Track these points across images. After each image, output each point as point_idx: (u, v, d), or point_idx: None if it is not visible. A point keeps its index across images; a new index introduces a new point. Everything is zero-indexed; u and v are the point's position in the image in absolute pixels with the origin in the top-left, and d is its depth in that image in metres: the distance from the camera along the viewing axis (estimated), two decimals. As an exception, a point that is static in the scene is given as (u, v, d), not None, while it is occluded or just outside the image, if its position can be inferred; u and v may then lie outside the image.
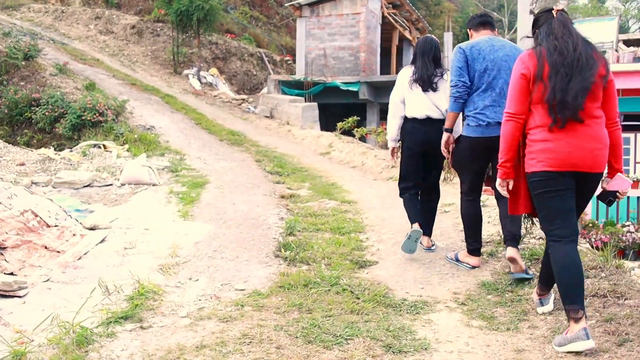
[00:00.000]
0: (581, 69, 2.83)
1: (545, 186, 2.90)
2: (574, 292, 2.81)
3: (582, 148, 2.83)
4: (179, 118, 11.29)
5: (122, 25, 18.00)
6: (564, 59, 2.86)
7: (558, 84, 2.84)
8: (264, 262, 4.23)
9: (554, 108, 2.85)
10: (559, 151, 2.85)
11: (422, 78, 4.33)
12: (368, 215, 5.71)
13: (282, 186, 7.14)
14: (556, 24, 2.96)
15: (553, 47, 2.90)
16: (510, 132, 2.98)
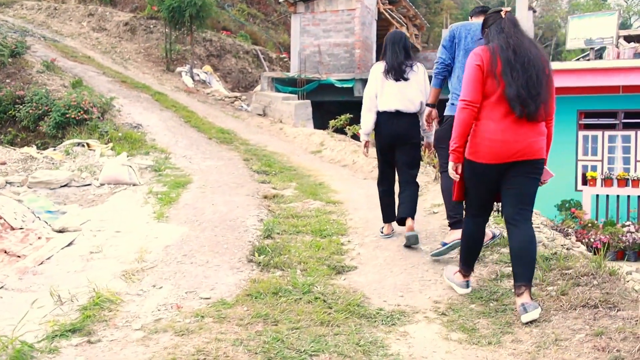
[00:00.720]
0: (535, 67, 3.03)
1: (479, 175, 3.18)
2: (470, 257, 3.42)
3: (520, 141, 3.06)
4: (168, 116, 11.03)
5: (115, 22, 17.74)
6: (519, 57, 3.03)
7: (516, 80, 3.01)
8: (236, 267, 3.98)
9: (515, 102, 3.01)
10: (498, 146, 3.06)
11: (393, 67, 4.39)
12: (353, 217, 5.45)
13: (267, 186, 6.88)
14: (507, 24, 3.16)
15: (506, 44, 3.08)
16: (466, 120, 3.15)
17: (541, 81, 3.04)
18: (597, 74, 12.22)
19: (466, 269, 3.46)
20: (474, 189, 3.28)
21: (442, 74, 4.13)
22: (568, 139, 13.26)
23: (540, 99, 3.03)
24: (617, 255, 10.97)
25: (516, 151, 3.07)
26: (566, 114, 13.33)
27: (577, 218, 11.92)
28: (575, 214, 11.96)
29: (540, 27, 33.25)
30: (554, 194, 13.11)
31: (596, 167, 13.17)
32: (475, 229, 3.36)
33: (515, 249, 3.12)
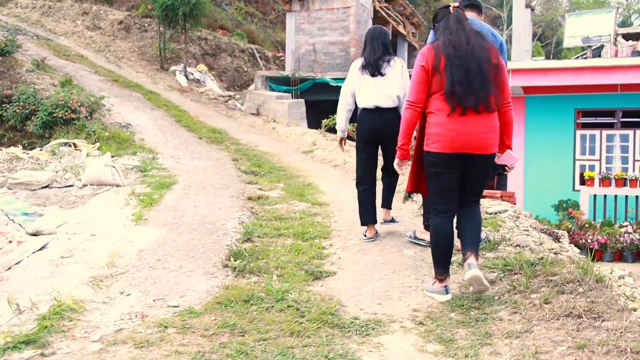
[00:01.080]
0: (475, 60, 3.15)
1: (436, 166, 3.27)
2: (443, 258, 3.36)
3: (470, 133, 3.17)
4: (159, 115, 10.89)
5: (109, 21, 17.59)
6: (458, 52, 3.17)
7: (455, 75, 3.14)
8: (210, 273, 3.83)
9: (455, 97, 3.15)
10: (452, 135, 3.18)
11: (370, 62, 4.38)
12: (337, 219, 5.30)
13: (253, 187, 6.73)
14: (452, 20, 3.29)
15: (448, 41, 3.22)
16: (409, 119, 3.35)
17: (484, 73, 3.15)
18: (595, 72, 12.05)
19: (441, 272, 3.35)
20: (435, 180, 3.32)
21: None
22: (565, 138, 13.10)
23: (484, 91, 3.14)
24: (615, 256, 10.81)
25: (467, 143, 3.18)
26: (564, 112, 13.17)
27: (575, 218, 11.76)
28: (572, 215, 11.80)
29: (540, 26, 33.07)
30: (552, 194, 12.95)
31: (594, 167, 13.00)
32: (443, 226, 3.33)
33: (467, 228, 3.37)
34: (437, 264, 3.36)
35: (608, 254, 10.73)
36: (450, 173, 3.26)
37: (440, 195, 3.32)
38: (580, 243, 11.04)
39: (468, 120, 3.17)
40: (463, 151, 3.20)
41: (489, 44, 3.27)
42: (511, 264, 3.58)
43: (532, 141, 13.35)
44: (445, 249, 3.35)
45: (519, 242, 4.03)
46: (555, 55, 32.78)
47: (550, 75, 12.15)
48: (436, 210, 3.34)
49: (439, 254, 3.35)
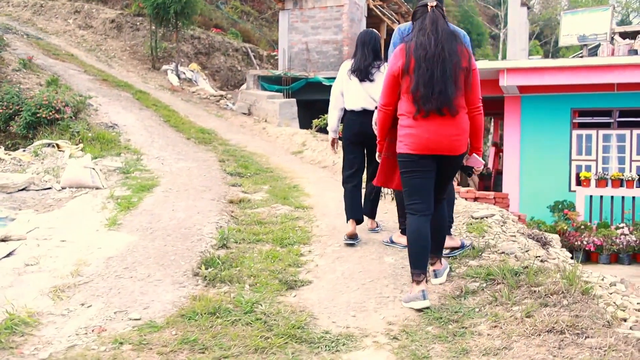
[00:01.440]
0: (442, 64, 3.14)
1: (408, 166, 3.32)
2: (419, 258, 3.28)
3: (440, 135, 3.21)
4: (147, 115, 10.69)
5: (101, 20, 17.39)
6: (427, 54, 3.16)
7: (421, 78, 3.17)
8: (179, 282, 3.64)
9: (418, 99, 3.19)
10: (420, 137, 3.23)
11: (359, 68, 4.42)
12: (320, 223, 5.12)
13: (237, 189, 6.55)
14: (428, 21, 3.25)
15: (420, 43, 3.20)
16: (382, 120, 3.47)
17: (448, 77, 3.15)
18: (591, 71, 11.88)
19: (418, 273, 3.26)
20: (409, 180, 3.35)
21: None
22: (561, 138, 12.93)
23: (444, 96, 3.15)
24: (611, 258, 10.64)
25: (436, 145, 3.23)
26: (560, 112, 13.00)
27: (570, 220, 11.58)
28: (568, 216, 11.62)
29: (539, 25, 32.89)
30: (547, 195, 12.77)
31: (590, 167, 12.82)
32: (418, 225, 3.31)
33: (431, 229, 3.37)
34: (413, 265, 3.30)
35: (604, 256, 10.57)
36: (424, 172, 3.30)
37: (415, 194, 3.34)
38: (576, 245, 10.87)
39: (434, 123, 3.22)
40: (432, 152, 3.25)
41: (462, 46, 3.25)
42: (494, 274, 3.40)
43: (527, 141, 13.18)
44: (421, 248, 3.31)
45: (504, 249, 3.85)
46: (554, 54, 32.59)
47: (546, 75, 11.97)
48: (412, 210, 3.34)
49: (416, 255, 3.31)
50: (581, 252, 10.85)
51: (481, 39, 34.85)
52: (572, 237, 11.02)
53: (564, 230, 11.27)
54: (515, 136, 13.25)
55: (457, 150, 3.27)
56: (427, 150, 3.24)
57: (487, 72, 12.63)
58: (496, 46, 34.68)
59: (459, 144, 3.27)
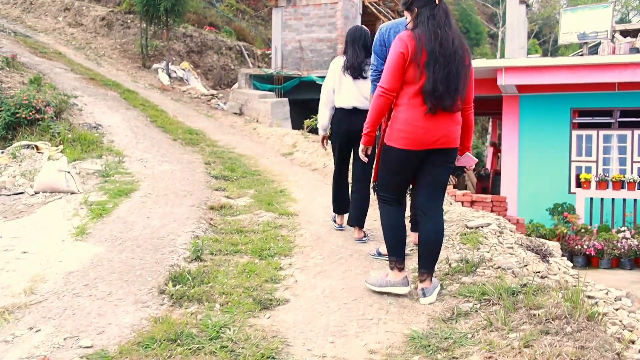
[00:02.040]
0: (456, 61, 3.04)
1: (401, 162, 3.18)
2: (399, 245, 3.26)
3: (441, 130, 3.10)
4: (133, 115, 10.35)
5: (91, 17, 17.03)
6: (444, 50, 3.01)
7: (438, 74, 3.01)
8: (142, 301, 3.31)
9: (434, 97, 3.02)
10: (420, 133, 3.08)
11: (353, 65, 4.36)
12: (304, 232, 4.78)
13: (220, 194, 6.21)
14: (440, 12, 3.08)
15: (434, 35, 3.01)
16: (381, 107, 3.16)
17: (460, 74, 3.08)
18: (592, 70, 11.56)
19: (399, 260, 3.27)
20: (396, 175, 3.25)
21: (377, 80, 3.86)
22: (561, 139, 12.61)
23: (457, 93, 3.08)
24: (612, 262, 10.32)
25: (436, 139, 3.10)
26: (559, 112, 12.67)
27: (570, 223, 11.26)
28: (568, 219, 11.30)
29: (537, 23, 32.59)
30: (546, 197, 12.45)
31: (591, 169, 12.51)
32: (396, 213, 3.28)
33: (425, 239, 3.23)
34: (393, 252, 3.27)
35: (605, 260, 10.25)
36: (413, 168, 3.21)
37: (398, 189, 3.28)
38: (576, 249, 10.55)
39: (439, 119, 3.09)
40: (430, 147, 3.14)
41: (466, 44, 3.18)
42: (489, 293, 3.06)
43: (526, 142, 12.86)
44: (400, 236, 3.28)
45: (500, 263, 3.52)
46: (553, 53, 32.29)
47: (545, 73, 11.64)
48: (387, 199, 3.28)
49: (394, 241, 3.27)
50: (581, 257, 10.55)
51: (479, 37, 34.54)
52: (572, 241, 10.70)
53: (564, 234, 10.96)
54: (513, 137, 12.92)
55: (453, 142, 3.18)
56: (424, 146, 3.12)
57: (485, 71, 12.30)
58: (495, 45, 34.36)
59: (455, 135, 3.19)
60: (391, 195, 3.28)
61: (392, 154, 3.19)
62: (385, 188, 3.30)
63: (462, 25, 33.84)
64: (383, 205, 3.31)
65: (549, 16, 30.65)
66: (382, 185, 3.32)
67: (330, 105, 4.52)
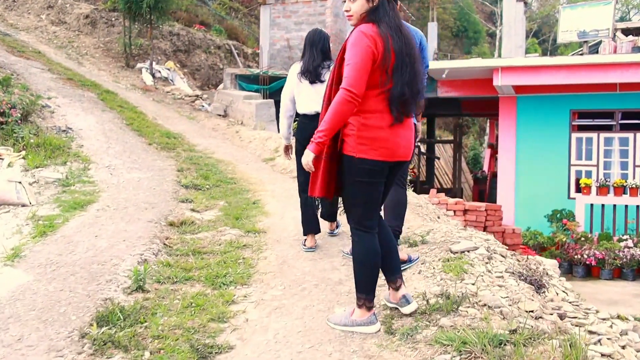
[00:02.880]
0: (417, 61, 2.77)
1: (372, 176, 2.80)
2: (372, 281, 2.86)
3: (407, 139, 2.84)
4: (109, 118, 9.80)
5: (75, 15, 16.47)
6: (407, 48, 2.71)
7: (406, 78, 2.72)
8: (57, 349, 2.76)
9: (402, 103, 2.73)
10: (393, 142, 2.77)
11: (309, 69, 4.20)
12: (269, 254, 4.24)
13: (187, 206, 5.67)
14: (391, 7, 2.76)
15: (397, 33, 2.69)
16: (347, 113, 2.70)
17: (420, 76, 2.83)
18: (592, 70, 11.03)
19: (370, 298, 2.86)
20: (369, 193, 2.82)
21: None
22: (560, 142, 12.07)
23: (420, 97, 2.86)
24: (614, 273, 9.80)
25: (403, 149, 2.84)
26: (558, 114, 12.13)
27: (570, 230, 10.73)
28: (567, 226, 10.76)
29: (537, 22, 32.08)
30: (545, 203, 11.91)
31: (591, 173, 11.98)
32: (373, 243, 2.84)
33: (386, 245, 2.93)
34: (364, 289, 2.85)
35: (606, 271, 9.72)
36: (382, 183, 2.88)
37: (373, 209, 2.86)
38: (576, 259, 10.02)
39: (404, 127, 2.82)
40: (398, 159, 2.84)
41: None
42: (471, 343, 2.52)
43: (524, 145, 12.32)
44: (376, 271, 2.89)
45: (487, 300, 2.98)
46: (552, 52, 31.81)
47: (543, 74, 11.10)
48: (365, 227, 2.83)
49: (369, 277, 2.85)
50: (581, 267, 10.02)
51: (478, 36, 34.04)
52: (572, 249, 10.18)
53: (563, 242, 10.43)
54: (510, 140, 12.39)
55: (411, 153, 2.97)
56: (395, 157, 2.80)
57: (480, 71, 11.78)
58: (493, 44, 33.85)
59: (413, 146, 2.99)
60: (368, 221, 2.83)
61: (364, 168, 2.75)
62: (362, 211, 2.82)
63: (460, 24, 33.35)
64: (360, 234, 2.84)
65: (549, 14, 30.13)
66: (356, 209, 2.83)
67: (289, 113, 4.41)
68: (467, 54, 30.51)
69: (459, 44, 33.97)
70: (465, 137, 24.36)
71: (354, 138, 2.74)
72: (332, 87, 2.80)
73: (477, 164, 22.97)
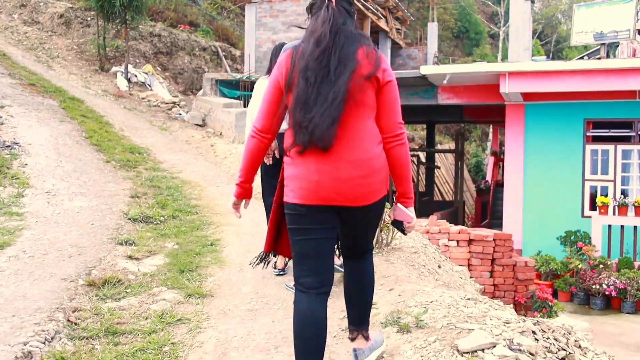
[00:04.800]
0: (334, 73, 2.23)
1: (294, 222, 2.34)
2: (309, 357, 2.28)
3: (334, 177, 2.24)
4: (66, 130, 8.67)
5: (49, 14, 15.34)
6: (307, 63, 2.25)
7: (300, 96, 2.24)
8: None
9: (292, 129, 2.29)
10: (306, 180, 2.27)
11: None
12: (210, 336, 3.10)
13: (123, 251, 4.53)
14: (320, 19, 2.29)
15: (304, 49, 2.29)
16: (253, 151, 2.40)
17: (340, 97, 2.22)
18: (609, 76, 9.90)
19: None
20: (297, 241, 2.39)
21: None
22: (573, 154, 10.93)
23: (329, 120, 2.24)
24: (637, 305, 8.70)
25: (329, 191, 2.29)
26: (571, 123, 10.98)
27: (586, 255, 9.59)
28: (583, 250, 9.63)
29: (540, 23, 30.99)
30: (556, 222, 10.76)
31: (607, 189, 10.85)
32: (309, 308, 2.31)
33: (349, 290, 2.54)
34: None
35: (628, 303, 8.62)
36: (317, 230, 2.33)
37: (305, 262, 2.35)
38: (594, 289, 8.90)
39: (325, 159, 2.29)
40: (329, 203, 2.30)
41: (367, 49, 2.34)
42: None
43: (532, 157, 11.17)
44: (312, 344, 2.28)
45: None
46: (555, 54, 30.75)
47: (556, 79, 9.97)
48: (302, 285, 2.35)
49: (303, 350, 2.28)
50: (600, 298, 8.90)
51: (479, 37, 32.99)
52: (589, 278, 9.06)
53: (578, 269, 9.30)
54: (518, 152, 11.25)
55: (363, 198, 2.31)
56: (318, 200, 2.29)
57: (485, 77, 10.65)
58: (495, 45, 32.82)
59: (365, 190, 2.30)
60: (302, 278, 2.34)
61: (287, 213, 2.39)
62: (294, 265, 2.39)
63: (461, 25, 32.27)
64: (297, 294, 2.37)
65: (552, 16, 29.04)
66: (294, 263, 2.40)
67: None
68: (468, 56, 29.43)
69: (459, 46, 32.92)
70: (467, 143, 23.23)
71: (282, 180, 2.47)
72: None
73: (480, 172, 21.83)
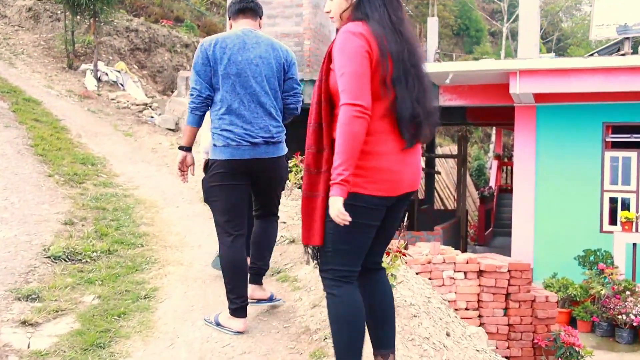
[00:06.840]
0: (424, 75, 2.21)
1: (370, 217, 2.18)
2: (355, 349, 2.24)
3: (415, 166, 2.27)
4: (10, 137, 7.47)
5: (17, 8, 14.13)
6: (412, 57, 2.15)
7: (414, 93, 2.14)
8: None
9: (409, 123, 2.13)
10: (398, 173, 2.18)
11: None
12: None
13: (22, 309, 3.34)
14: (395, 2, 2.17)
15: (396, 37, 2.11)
16: (360, 133, 2.06)
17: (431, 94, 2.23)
18: (632, 74, 8.74)
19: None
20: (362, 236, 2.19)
21: (200, 109, 3.08)
22: (590, 162, 9.76)
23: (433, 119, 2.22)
24: (669, 339, 7.52)
25: (409, 180, 2.22)
26: (588, 127, 9.80)
27: (608, 278, 8.43)
28: (605, 273, 8.46)
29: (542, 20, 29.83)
30: (571, 238, 9.57)
31: (629, 201, 9.68)
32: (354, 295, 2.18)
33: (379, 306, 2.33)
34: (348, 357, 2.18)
35: (660, 336, 7.45)
36: (377, 224, 2.22)
37: (359, 256, 2.22)
38: (620, 319, 7.75)
39: (413, 153, 2.24)
40: (403, 192, 2.22)
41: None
42: None
43: (545, 165, 9.99)
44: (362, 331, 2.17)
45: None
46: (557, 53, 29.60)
47: (574, 78, 8.80)
48: (346, 278, 2.18)
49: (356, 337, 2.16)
50: (626, 330, 7.74)
51: (480, 35, 31.87)
52: (613, 306, 7.90)
53: (600, 294, 8.14)
54: (528, 159, 10.06)
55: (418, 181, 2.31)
56: (402, 190, 2.19)
57: (493, 75, 9.46)
58: (495, 43, 31.70)
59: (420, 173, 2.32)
60: (353, 270, 2.19)
61: (356, 205, 2.09)
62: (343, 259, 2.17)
63: (461, 22, 31.14)
64: (338, 283, 2.16)
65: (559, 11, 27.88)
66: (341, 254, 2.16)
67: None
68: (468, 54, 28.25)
69: (459, 43, 31.81)
70: (469, 145, 22.07)
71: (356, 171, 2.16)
72: (319, 106, 2.17)
73: (482, 176, 20.66)
